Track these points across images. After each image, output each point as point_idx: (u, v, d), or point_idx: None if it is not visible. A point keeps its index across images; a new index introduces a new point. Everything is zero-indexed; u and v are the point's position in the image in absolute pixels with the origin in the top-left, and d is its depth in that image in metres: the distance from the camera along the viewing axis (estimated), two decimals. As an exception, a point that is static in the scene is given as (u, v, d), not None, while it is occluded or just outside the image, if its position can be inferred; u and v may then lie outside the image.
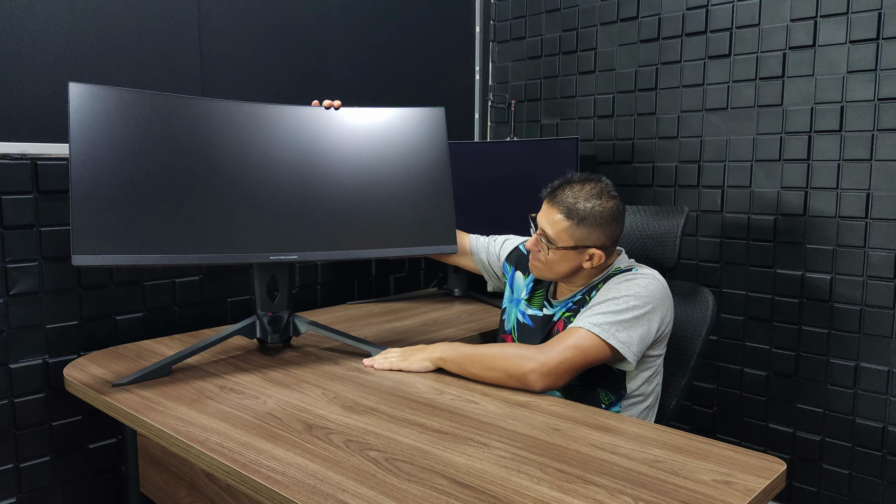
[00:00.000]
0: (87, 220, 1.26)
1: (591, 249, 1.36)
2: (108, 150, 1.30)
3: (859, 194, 1.94)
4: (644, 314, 1.29)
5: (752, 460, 1.00)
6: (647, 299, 1.30)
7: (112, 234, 1.28)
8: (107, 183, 1.29)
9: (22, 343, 1.61)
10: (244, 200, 1.43)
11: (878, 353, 1.94)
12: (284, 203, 1.47)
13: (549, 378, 1.25)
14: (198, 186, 1.39)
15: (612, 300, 1.30)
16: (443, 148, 1.61)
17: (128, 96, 1.34)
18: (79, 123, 1.28)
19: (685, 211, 1.63)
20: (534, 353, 1.27)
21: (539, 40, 2.64)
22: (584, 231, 1.35)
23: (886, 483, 1.95)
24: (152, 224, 1.33)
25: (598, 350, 1.27)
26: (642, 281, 1.33)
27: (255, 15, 2.02)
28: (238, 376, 1.40)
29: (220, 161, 1.42)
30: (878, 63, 1.89)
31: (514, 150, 2.24)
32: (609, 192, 1.38)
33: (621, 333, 1.27)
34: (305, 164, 1.50)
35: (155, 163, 1.35)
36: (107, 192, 1.29)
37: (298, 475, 0.95)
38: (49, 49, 1.62)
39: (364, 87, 2.33)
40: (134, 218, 1.31)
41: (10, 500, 1.62)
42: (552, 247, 1.37)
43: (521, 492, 0.90)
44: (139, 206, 1.32)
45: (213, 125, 1.42)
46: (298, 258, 1.46)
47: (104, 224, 1.28)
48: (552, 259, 1.39)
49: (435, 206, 1.58)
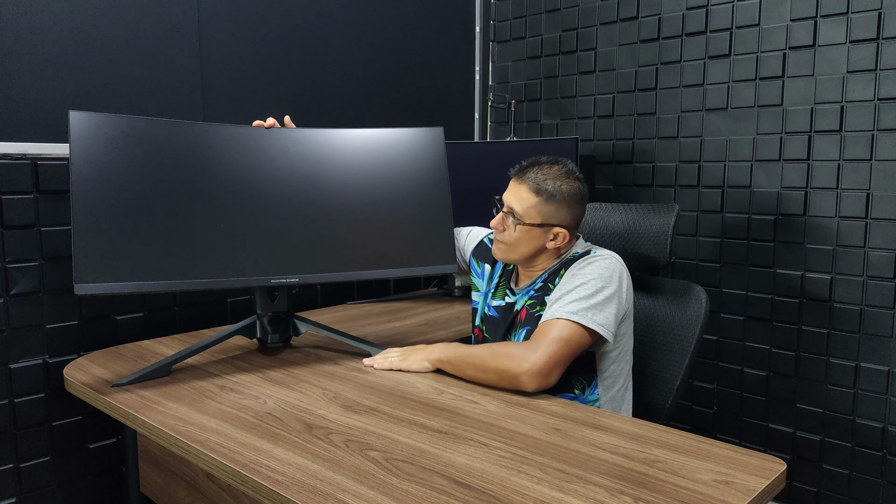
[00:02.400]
0: (88, 248, 1.26)
1: (556, 228, 1.39)
2: (109, 178, 1.31)
3: (859, 194, 1.94)
4: (613, 293, 1.32)
5: (752, 460, 1.00)
6: (610, 279, 1.33)
7: (114, 261, 1.29)
8: (108, 211, 1.30)
9: (22, 343, 1.61)
10: (244, 224, 1.43)
11: (878, 353, 1.94)
12: (284, 225, 1.47)
13: (541, 377, 1.25)
14: (198, 211, 1.39)
15: (581, 286, 1.32)
16: (442, 168, 1.60)
17: (126, 123, 1.34)
18: (79, 151, 1.28)
19: (675, 209, 1.63)
20: (522, 352, 1.27)
21: (539, 40, 2.64)
22: (551, 208, 1.38)
23: (886, 483, 1.95)
24: (153, 251, 1.33)
25: (580, 337, 1.28)
26: (603, 262, 1.36)
27: (251, 5, 2.02)
28: (238, 376, 1.40)
29: (219, 185, 1.42)
30: (878, 63, 1.89)
31: (514, 150, 2.24)
32: (575, 175, 1.41)
33: (598, 316, 1.29)
34: (305, 186, 1.50)
35: (155, 189, 1.35)
36: (108, 220, 1.30)
37: (298, 475, 0.95)
38: (49, 49, 1.62)
39: (364, 88, 2.33)
40: (135, 245, 1.32)
41: (10, 500, 1.62)
42: (519, 223, 1.39)
43: (521, 492, 0.90)
44: (140, 233, 1.32)
45: (211, 149, 1.42)
46: (299, 281, 1.47)
47: (106, 252, 1.28)
48: (517, 237, 1.40)
49: (434, 226, 1.58)
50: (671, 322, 1.58)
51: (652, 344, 1.59)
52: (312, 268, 1.48)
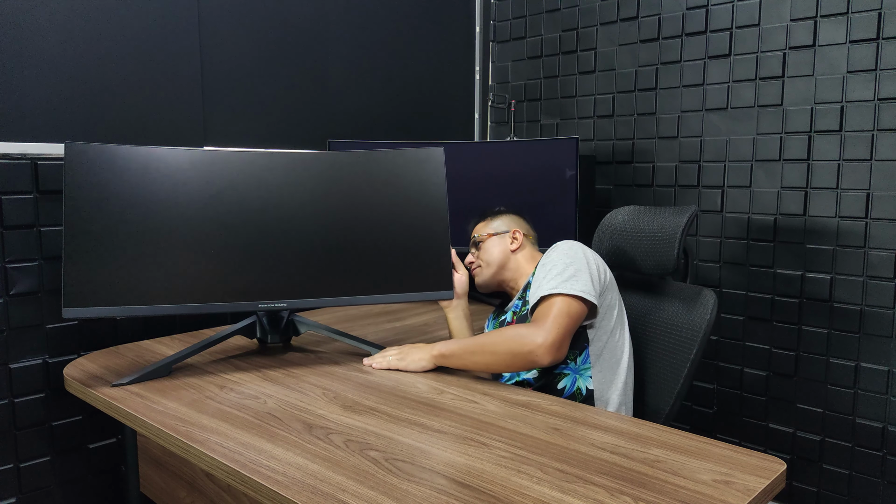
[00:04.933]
0: (77, 274, 1.31)
1: (510, 232, 1.63)
2: (100, 206, 1.35)
3: (859, 194, 1.94)
4: (580, 266, 1.39)
5: (752, 460, 1.00)
6: (574, 256, 1.41)
7: (102, 287, 1.33)
8: (97, 239, 1.34)
9: (22, 343, 1.61)
10: (233, 249, 1.43)
11: (878, 353, 1.94)
12: (275, 250, 1.46)
13: (554, 350, 1.29)
14: (186, 237, 1.40)
15: (551, 268, 1.40)
16: (441, 191, 1.55)
17: (118, 153, 1.37)
18: (72, 182, 1.33)
19: (692, 210, 1.60)
20: (531, 329, 1.31)
21: (539, 40, 2.64)
22: (498, 221, 1.66)
23: (886, 483, 1.95)
24: (142, 276, 1.36)
25: (576, 307, 1.34)
26: (563, 246, 1.45)
27: (251, 5, 2.02)
28: (238, 376, 1.40)
29: (209, 211, 1.42)
30: (878, 63, 1.89)
31: (514, 150, 2.24)
32: (504, 210, 1.71)
33: (576, 285, 1.35)
34: (298, 210, 1.48)
35: (145, 216, 1.38)
36: (97, 247, 1.34)
37: (298, 475, 0.95)
38: (49, 49, 1.62)
39: (364, 88, 2.33)
40: (123, 271, 1.35)
41: (10, 500, 1.62)
42: (481, 242, 1.64)
43: (521, 492, 0.90)
44: (128, 259, 1.36)
45: (203, 175, 1.43)
46: (287, 306, 1.46)
47: (94, 278, 1.33)
48: (484, 251, 1.63)
49: (432, 250, 1.54)
50: (677, 325, 1.56)
51: (655, 345, 1.58)
52: (302, 293, 1.47)
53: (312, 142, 2.19)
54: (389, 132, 2.43)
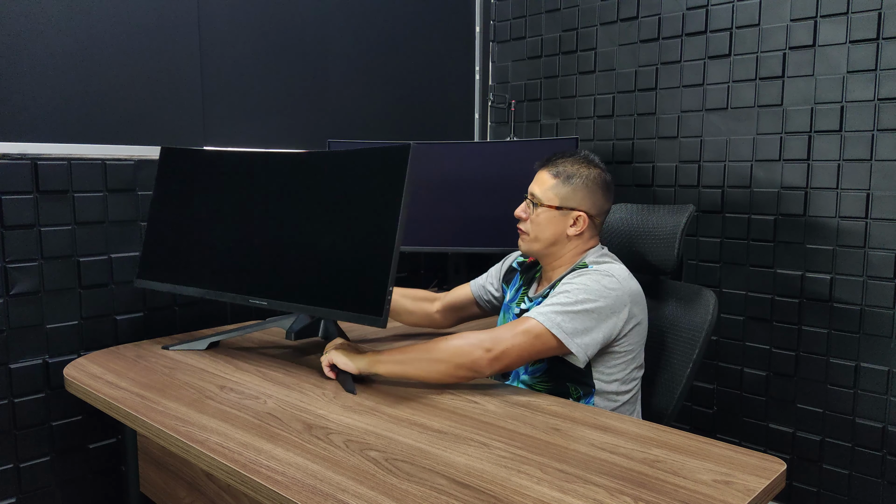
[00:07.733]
0: (153, 256, 1.68)
1: (576, 212, 1.40)
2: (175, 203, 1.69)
3: (859, 194, 1.94)
4: (594, 308, 1.28)
5: (751, 460, 1.00)
6: (598, 293, 1.29)
7: (166, 268, 1.66)
8: (168, 230, 1.67)
9: (22, 343, 1.61)
10: (239, 245, 1.58)
11: (878, 353, 1.94)
12: (260, 249, 1.54)
13: (499, 361, 1.25)
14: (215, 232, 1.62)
15: (564, 293, 1.31)
16: (395, 196, 1.30)
17: (206, 156, 1.68)
18: (162, 183, 1.70)
19: (689, 209, 1.60)
20: (483, 337, 1.26)
21: (539, 40, 2.64)
22: (568, 190, 1.40)
23: (886, 483, 1.95)
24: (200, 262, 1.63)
25: (545, 340, 1.27)
26: (596, 276, 1.32)
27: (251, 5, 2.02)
28: (238, 376, 1.40)
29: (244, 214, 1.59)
30: (878, 63, 1.89)
31: (514, 150, 2.24)
32: (595, 163, 1.45)
33: (567, 325, 1.27)
34: (273, 212, 1.53)
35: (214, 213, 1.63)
36: (168, 236, 1.68)
37: (298, 475, 0.95)
38: (49, 49, 1.62)
39: (363, 88, 2.33)
40: (186, 257, 1.65)
41: (10, 500, 1.62)
42: (539, 205, 1.42)
43: (521, 492, 0.90)
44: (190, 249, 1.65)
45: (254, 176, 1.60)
46: (268, 306, 1.50)
47: (165, 260, 1.67)
48: (538, 222, 1.42)
49: (365, 267, 1.32)
50: (678, 326, 1.56)
51: (656, 346, 1.58)
52: (278, 293, 1.49)
53: (312, 142, 2.19)
54: (389, 132, 2.43)
